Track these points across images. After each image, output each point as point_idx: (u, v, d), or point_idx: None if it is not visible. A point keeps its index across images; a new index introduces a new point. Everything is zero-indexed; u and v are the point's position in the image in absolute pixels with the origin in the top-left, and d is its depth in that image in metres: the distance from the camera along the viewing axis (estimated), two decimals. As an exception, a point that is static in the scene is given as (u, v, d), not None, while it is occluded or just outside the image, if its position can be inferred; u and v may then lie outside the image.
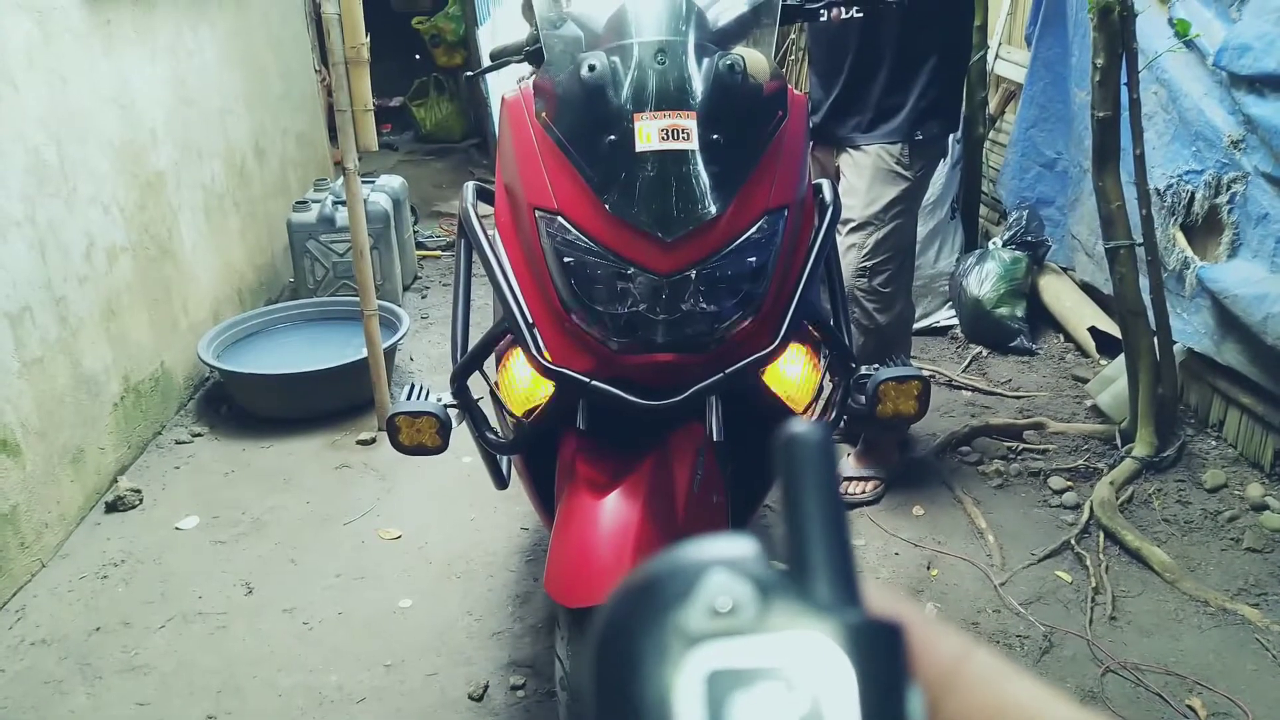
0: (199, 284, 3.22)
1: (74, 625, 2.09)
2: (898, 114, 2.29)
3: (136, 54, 2.85)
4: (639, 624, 0.18)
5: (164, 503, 2.55)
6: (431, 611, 2.11)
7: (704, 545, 0.20)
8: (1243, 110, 2.25)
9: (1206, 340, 2.53)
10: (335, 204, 3.54)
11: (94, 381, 2.53)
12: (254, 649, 2.02)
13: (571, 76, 1.31)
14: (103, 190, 2.61)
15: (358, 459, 2.75)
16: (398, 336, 3.02)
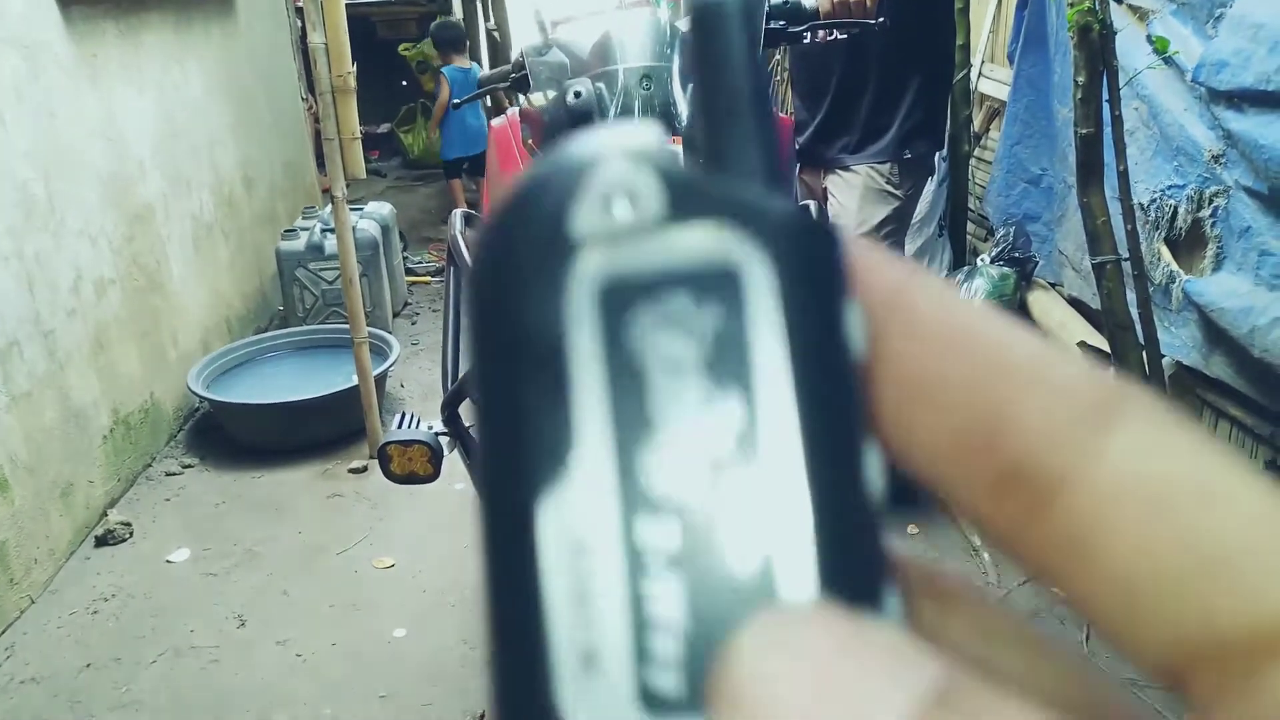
0: (188, 314, 3.21)
1: (64, 662, 2.07)
2: (885, 134, 2.31)
3: (124, 87, 2.86)
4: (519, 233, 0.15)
5: (154, 535, 2.53)
6: (426, 641, 2.10)
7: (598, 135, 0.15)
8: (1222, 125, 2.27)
9: (1194, 353, 2.55)
10: (324, 231, 3.55)
11: (83, 415, 2.51)
12: (247, 682, 2.00)
13: (557, 103, 1.32)
14: (91, 223, 2.61)
15: (349, 488, 2.74)
16: (388, 364, 3.02)
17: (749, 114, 0.15)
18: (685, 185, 0.14)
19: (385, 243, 3.80)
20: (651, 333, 0.14)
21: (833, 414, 0.14)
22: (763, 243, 0.14)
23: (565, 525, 0.14)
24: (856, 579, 0.14)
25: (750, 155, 0.15)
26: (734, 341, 0.14)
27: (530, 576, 0.14)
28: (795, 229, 0.14)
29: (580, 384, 0.14)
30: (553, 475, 0.14)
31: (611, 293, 0.14)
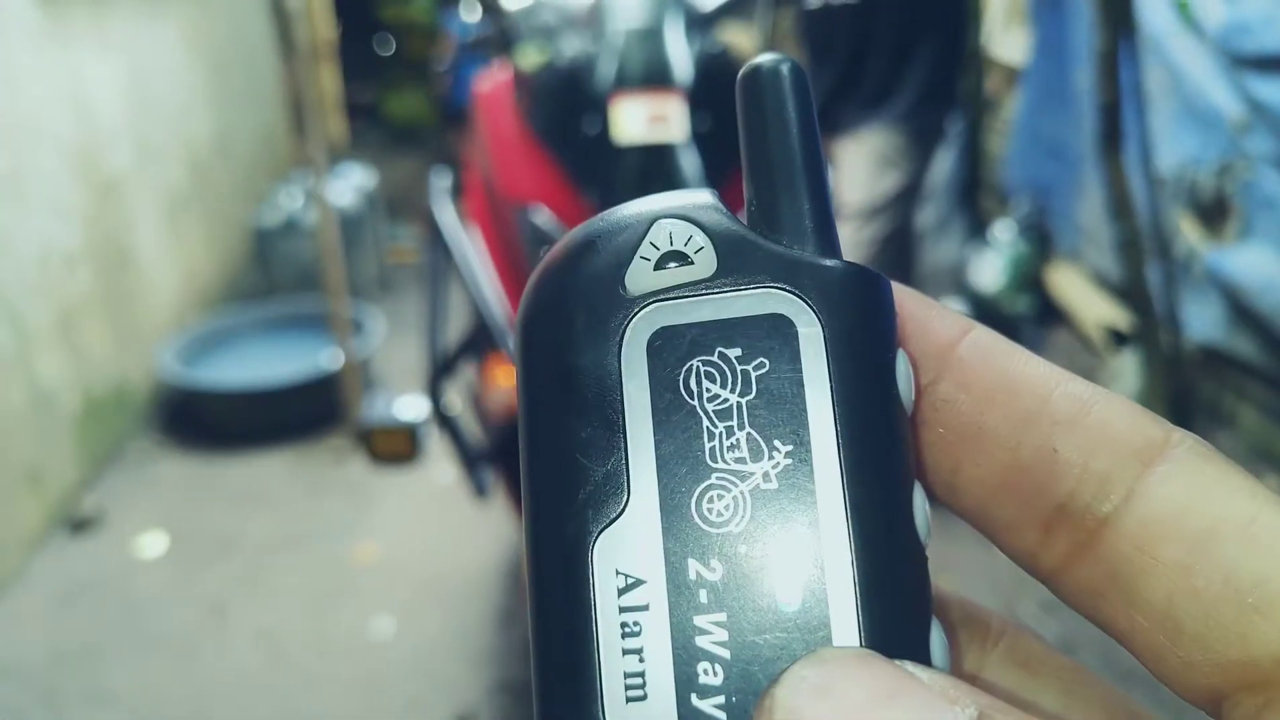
0: (161, 291, 3.21)
1: (36, 653, 2.09)
2: (896, 99, 2.31)
3: (91, 52, 2.85)
4: (576, 284, 0.17)
5: (128, 522, 2.54)
6: (412, 632, 2.11)
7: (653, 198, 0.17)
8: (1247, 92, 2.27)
9: (1217, 331, 2.55)
10: (303, 204, 3.54)
11: (52, 397, 2.52)
12: (225, 675, 2.01)
13: (550, 64, 1.32)
14: (57, 195, 2.61)
15: (330, 474, 2.75)
16: (370, 342, 3.02)
17: (802, 176, 0.17)
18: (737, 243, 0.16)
19: (367, 215, 3.80)
20: (703, 381, 0.16)
21: (878, 459, 0.15)
22: (812, 298, 0.16)
23: (616, 561, 0.15)
24: (901, 622, 0.15)
25: (802, 215, 0.17)
26: (783, 390, 0.15)
27: (581, 608, 0.15)
28: (845, 284, 0.16)
29: (632, 428, 0.16)
30: (606, 514, 0.15)
31: (664, 344, 0.16)
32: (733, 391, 0.16)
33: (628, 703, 0.15)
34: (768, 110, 0.17)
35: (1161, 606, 0.15)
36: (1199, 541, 0.15)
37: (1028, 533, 0.17)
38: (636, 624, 0.15)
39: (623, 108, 1.25)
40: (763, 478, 0.15)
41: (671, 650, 0.15)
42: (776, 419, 0.15)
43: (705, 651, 0.15)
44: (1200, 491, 0.15)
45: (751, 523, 0.15)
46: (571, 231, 0.18)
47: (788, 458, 0.15)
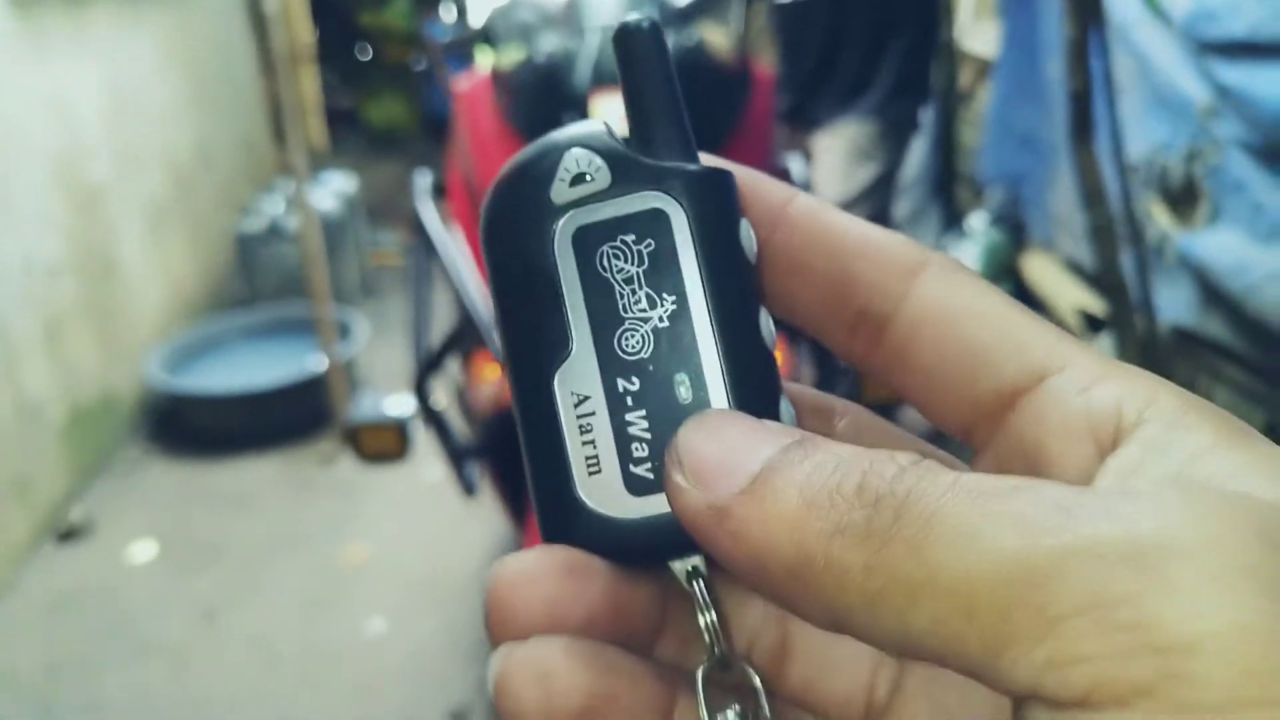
0: (145, 299, 3.19)
1: (27, 663, 2.07)
2: (870, 91, 2.32)
3: (70, 61, 2.82)
4: (517, 201, 0.24)
5: (117, 530, 2.53)
6: (404, 633, 2.11)
7: (561, 130, 0.24)
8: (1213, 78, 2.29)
9: (1190, 314, 2.57)
10: (285, 210, 3.52)
11: (38, 407, 2.50)
12: (218, 681, 2.00)
13: (528, 62, 1.32)
14: (39, 205, 2.59)
15: (319, 477, 2.74)
16: (354, 346, 3.01)
17: (666, 108, 0.23)
18: (624, 162, 0.23)
19: (349, 220, 3.78)
20: (612, 260, 0.23)
21: (732, 295, 0.23)
22: (679, 193, 0.23)
23: (570, 386, 0.23)
24: (758, 397, 0.23)
25: (669, 136, 0.23)
26: (665, 260, 0.23)
27: (552, 419, 0.23)
28: (699, 181, 0.23)
29: (569, 297, 0.23)
30: (559, 356, 0.23)
31: (583, 237, 0.23)
32: (632, 264, 0.23)
33: (589, 475, 0.22)
34: (635, 59, 0.23)
35: (925, 370, 0.22)
36: (944, 324, 0.22)
37: (841, 333, 0.23)
38: (589, 425, 0.22)
39: (600, 104, 1.25)
40: (658, 319, 0.23)
41: (613, 438, 0.22)
42: (663, 279, 0.23)
43: (634, 436, 0.22)
44: (946, 292, 0.22)
45: (654, 350, 0.22)
46: (510, 159, 0.24)
47: (673, 304, 0.23)
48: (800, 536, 0.18)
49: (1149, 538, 0.15)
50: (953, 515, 0.17)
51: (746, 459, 0.19)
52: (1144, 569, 0.15)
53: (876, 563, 0.17)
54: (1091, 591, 0.15)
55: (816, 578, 0.17)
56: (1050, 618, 0.15)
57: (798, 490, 0.18)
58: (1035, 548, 0.16)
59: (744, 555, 0.18)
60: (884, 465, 0.18)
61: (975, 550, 0.16)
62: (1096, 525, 0.16)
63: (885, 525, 0.17)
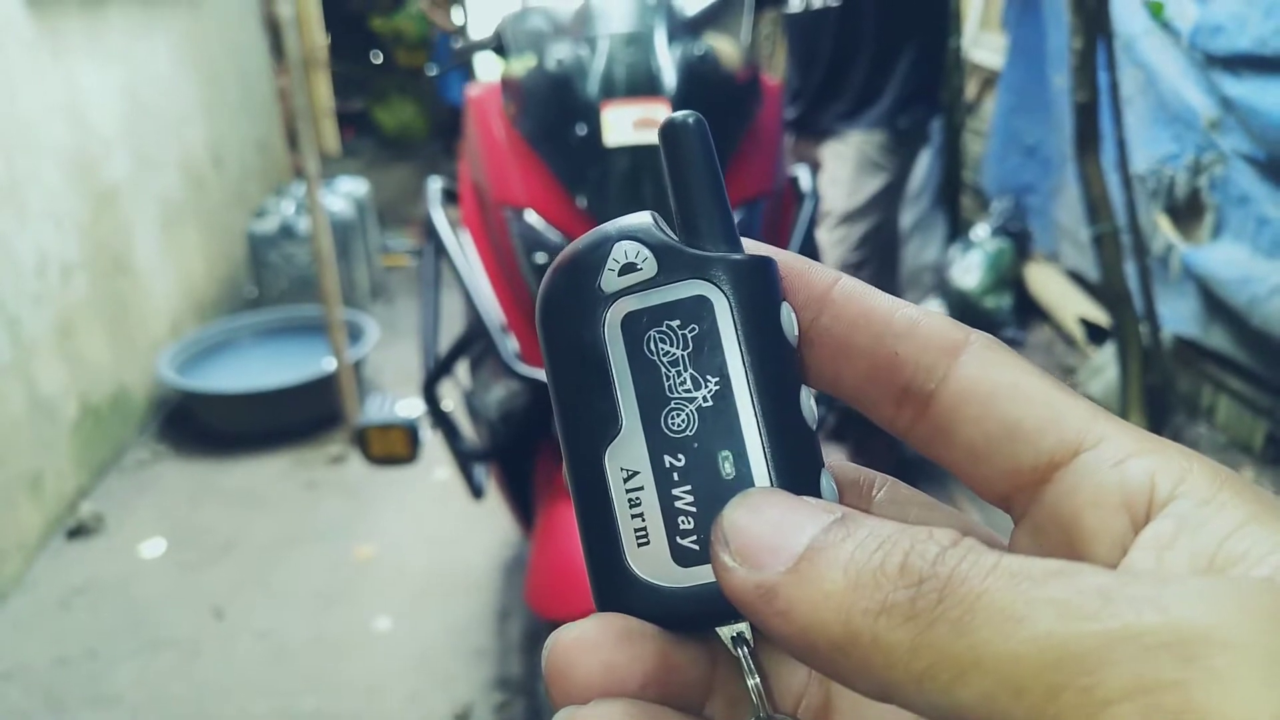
0: (157, 299, 3.20)
1: (38, 656, 2.07)
2: (879, 102, 2.32)
3: (87, 63, 2.83)
4: (570, 288, 0.25)
5: (128, 527, 2.53)
6: (410, 631, 2.11)
7: (613, 222, 0.25)
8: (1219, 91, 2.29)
9: (1194, 325, 2.57)
10: (297, 211, 3.53)
11: (50, 404, 2.51)
12: (226, 676, 2.01)
13: (538, 69, 1.32)
14: (55, 204, 2.59)
15: (328, 476, 2.74)
16: (365, 348, 3.02)
17: (710, 200, 0.24)
18: (670, 252, 0.24)
19: (361, 222, 3.79)
20: (659, 344, 0.24)
21: (772, 375, 0.24)
22: (721, 281, 0.24)
23: (620, 462, 0.24)
24: (799, 473, 0.24)
25: (713, 226, 0.24)
26: (710, 343, 0.24)
27: (603, 493, 0.24)
28: (741, 269, 0.24)
29: (619, 379, 0.24)
30: (610, 434, 0.24)
31: (631, 323, 0.24)
32: (678, 348, 0.24)
33: (639, 547, 0.24)
34: (681, 153, 0.24)
35: (967, 444, 0.23)
36: (985, 401, 0.23)
37: (887, 409, 0.24)
38: (638, 499, 0.24)
39: (610, 113, 1.25)
40: (702, 399, 0.24)
41: (660, 512, 0.24)
42: (707, 361, 0.24)
43: (680, 510, 0.23)
44: (985, 370, 0.23)
45: (699, 428, 0.23)
46: (563, 250, 0.25)
47: (717, 385, 0.24)
48: (847, 616, 0.18)
49: (1192, 628, 0.16)
50: (996, 598, 0.17)
51: (791, 538, 0.20)
52: (1189, 658, 0.15)
53: (922, 642, 0.17)
54: (1138, 677, 0.16)
55: (863, 655, 0.18)
56: (1098, 700, 0.16)
57: (842, 570, 0.19)
58: (1080, 633, 0.16)
59: (793, 633, 0.19)
60: (926, 545, 0.18)
61: (1020, 634, 0.17)
62: (1139, 613, 0.16)
63: (930, 606, 0.18)
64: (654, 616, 0.23)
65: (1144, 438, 0.21)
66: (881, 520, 0.20)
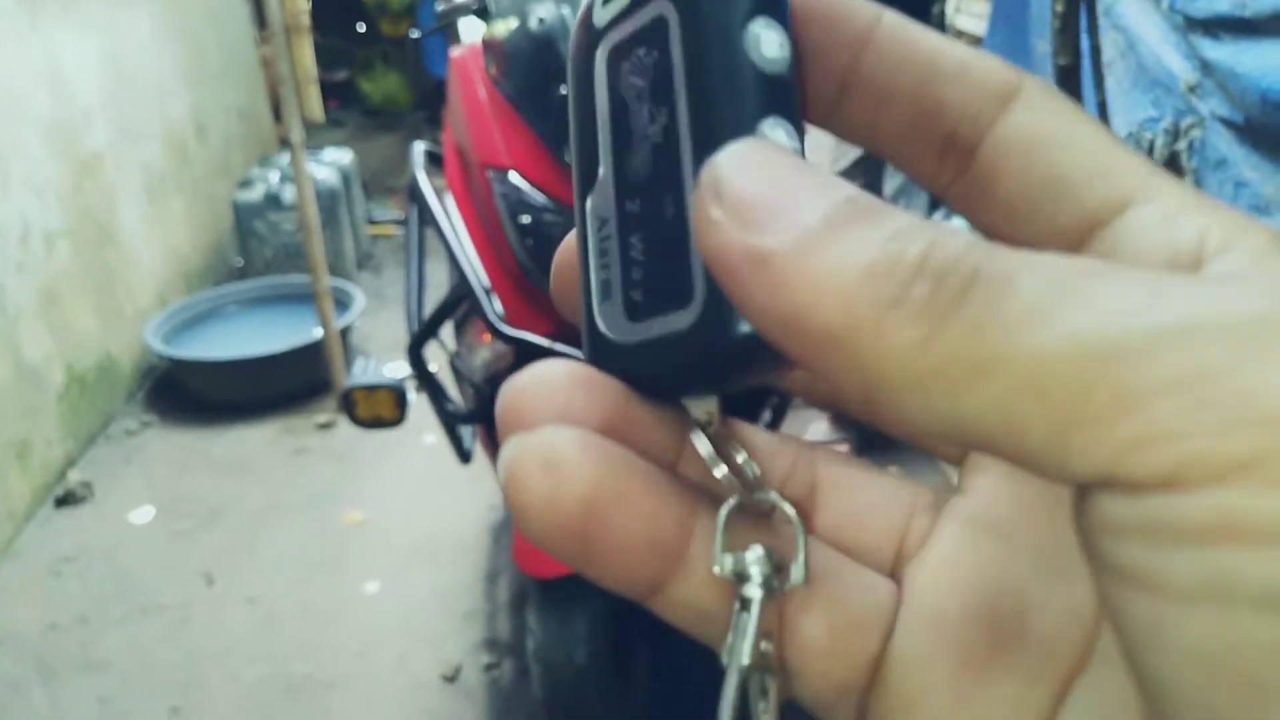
0: (143, 268, 3.18)
1: (29, 623, 2.07)
2: None
3: (66, 30, 2.80)
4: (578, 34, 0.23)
5: (116, 495, 2.53)
6: (399, 595, 2.12)
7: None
8: (1198, 54, 2.28)
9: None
10: (281, 181, 3.51)
11: (36, 372, 2.49)
12: (216, 641, 2.01)
13: (520, 30, 1.31)
14: (37, 172, 2.57)
15: (316, 443, 2.74)
16: (352, 316, 3.01)
17: None
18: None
19: (346, 192, 3.76)
20: (629, 77, 0.22)
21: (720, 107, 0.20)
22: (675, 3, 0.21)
23: (596, 211, 0.22)
24: None
25: None
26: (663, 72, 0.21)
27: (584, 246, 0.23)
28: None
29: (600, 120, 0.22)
30: (591, 181, 0.22)
31: (613, 57, 0.22)
32: (642, 79, 0.21)
33: (603, 301, 0.22)
34: None
35: (1009, 200, 0.21)
36: (1032, 151, 0.20)
37: (928, 161, 0.22)
38: (606, 249, 0.22)
39: None
40: (655, 136, 0.21)
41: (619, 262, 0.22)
42: (661, 93, 0.21)
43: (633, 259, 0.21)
44: (1037, 118, 0.20)
45: (652, 169, 0.21)
46: None
47: (666, 119, 0.21)
48: (852, 303, 0.16)
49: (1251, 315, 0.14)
50: (1026, 294, 0.15)
51: (801, 204, 0.17)
52: (1245, 344, 0.13)
53: (935, 339, 0.15)
54: (1185, 367, 0.13)
55: (861, 349, 0.16)
56: (1135, 394, 0.14)
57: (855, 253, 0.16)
58: (1123, 326, 0.14)
59: (779, 310, 0.16)
60: (950, 239, 0.16)
61: (1052, 330, 0.14)
62: (1193, 304, 0.14)
63: (949, 300, 0.15)
64: (613, 373, 0.21)
65: (1202, 197, 0.19)
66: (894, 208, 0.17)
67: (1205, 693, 0.14)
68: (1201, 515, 0.13)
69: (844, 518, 0.23)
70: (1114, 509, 0.14)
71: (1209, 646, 0.13)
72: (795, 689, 0.21)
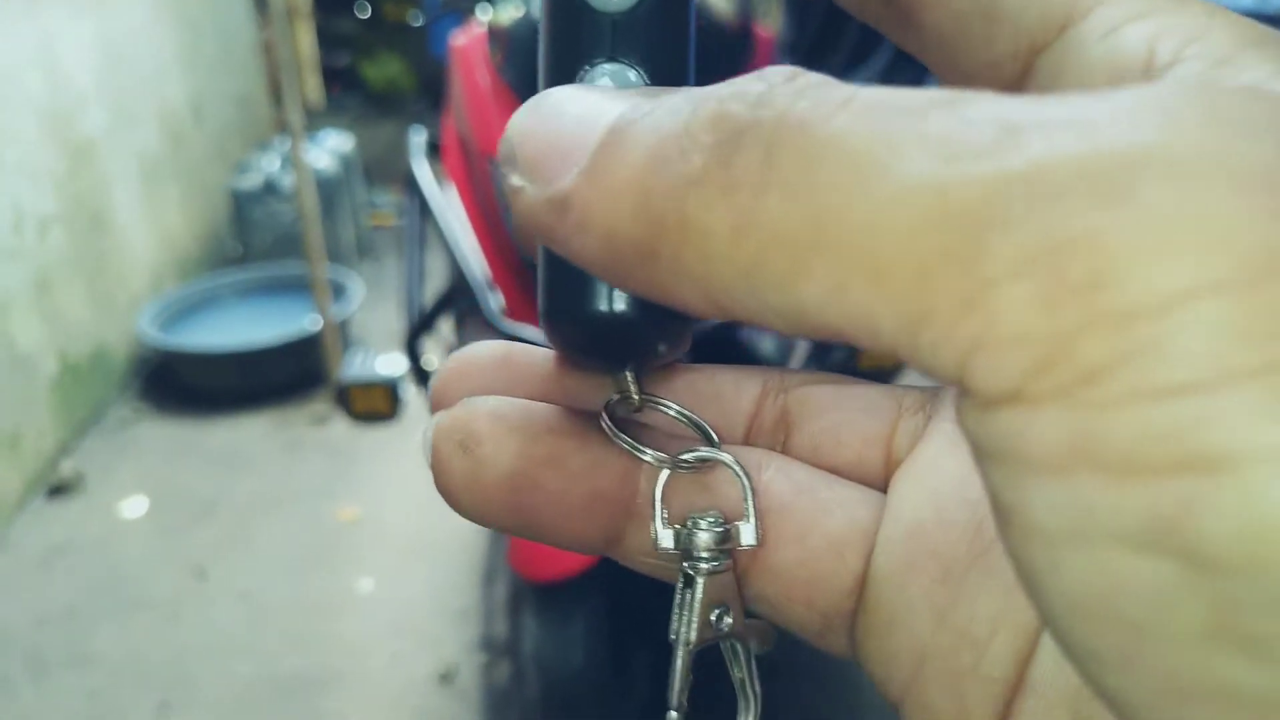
0: (137, 255, 3.15)
1: (17, 617, 2.05)
2: (871, 59, 2.28)
3: (60, 12, 2.76)
4: None
5: (108, 486, 2.50)
6: (393, 592, 2.09)
7: None
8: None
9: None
10: (281, 167, 3.48)
11: (28, 361, 2.47)
12: (207, 636, 1.99)
13: (524, 18, 1.28)
14: (30, 157, 2.54)
15: (311, 436, 2.71)
16: (350, 307, 2.98)
17: None
18: None
19: (346, 179, 3.74)
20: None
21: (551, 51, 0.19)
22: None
23: None
24: None
25: None
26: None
27: None
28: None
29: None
30: None
31: None
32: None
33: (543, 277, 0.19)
34: None
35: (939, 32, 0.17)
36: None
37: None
38: None
39: None
40: None
41: None
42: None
43: None
44: None
45: None
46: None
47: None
48: (646, 203, 0.13)
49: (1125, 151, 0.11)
50: (848, 142, 0.12)
51: (590, 130, 0.14)
52: (1111, 197, 0.10)
53: (746, 219, 0.12)
54: (1036, 238, 0.10)
55: (675, 252, 0.13)
56: (980, 280, 0.11)
57: (643, 147, 0.13)
58: (965, 177, 0.11)
59: (595, 249, 0.14)
60: (748, 85, 0.13)
61: (881, 187, 0.11)
62: (1053, 140, 0.11)
63: (753, 166, 0.12)
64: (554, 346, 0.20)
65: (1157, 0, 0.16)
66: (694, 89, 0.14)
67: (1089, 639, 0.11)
68: (1052, 438, 0.11)
69: (821, 435, 0.21)
70: (970, 425, 0.12)
71: (1083, 591, 0.11)
72: (783, 622, 0.20)
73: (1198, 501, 0.10)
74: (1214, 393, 0.10)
